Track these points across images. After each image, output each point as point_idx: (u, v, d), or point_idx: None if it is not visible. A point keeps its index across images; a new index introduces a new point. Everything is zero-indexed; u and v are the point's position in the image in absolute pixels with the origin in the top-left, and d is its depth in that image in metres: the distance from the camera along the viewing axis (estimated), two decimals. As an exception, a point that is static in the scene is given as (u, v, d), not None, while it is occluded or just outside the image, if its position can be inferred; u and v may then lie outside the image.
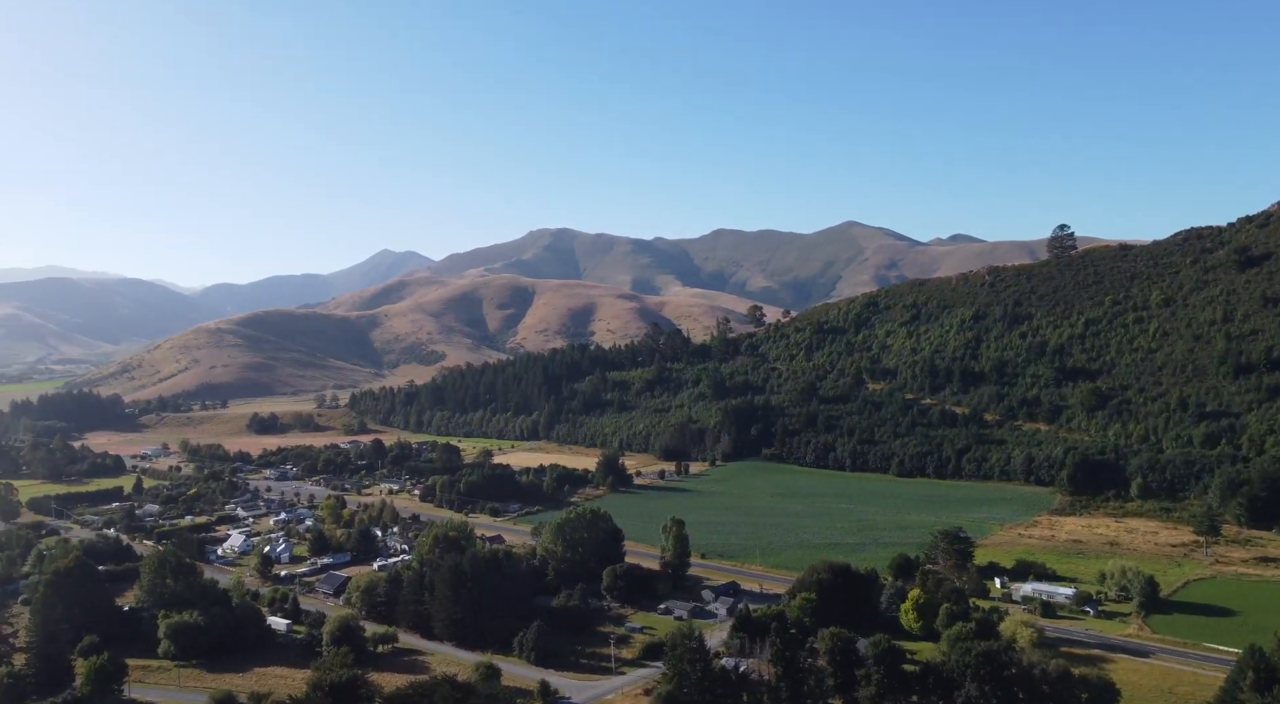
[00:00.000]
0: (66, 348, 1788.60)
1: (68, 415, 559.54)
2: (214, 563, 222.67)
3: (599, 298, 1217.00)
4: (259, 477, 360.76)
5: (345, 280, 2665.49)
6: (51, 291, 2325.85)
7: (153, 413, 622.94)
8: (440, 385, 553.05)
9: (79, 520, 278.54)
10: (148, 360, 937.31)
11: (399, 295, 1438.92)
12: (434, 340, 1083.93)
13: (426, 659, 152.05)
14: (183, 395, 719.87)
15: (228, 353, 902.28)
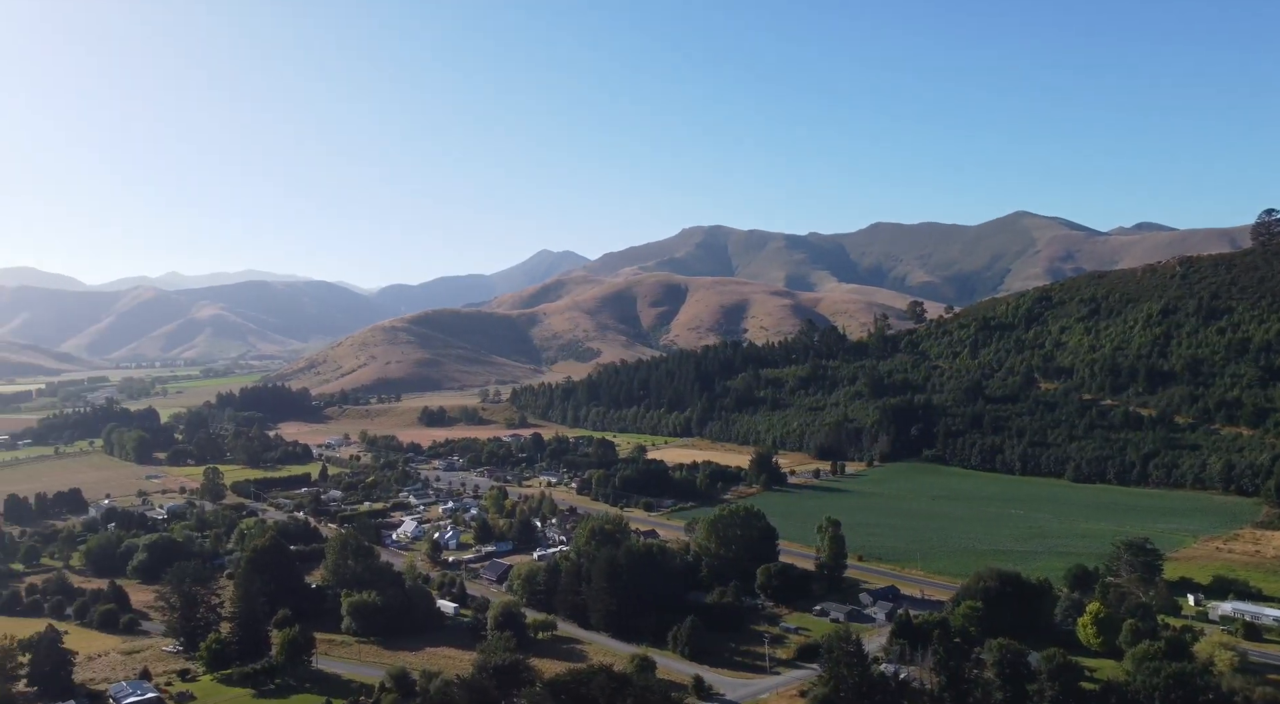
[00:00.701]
0: (263, 345, 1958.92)
1: (263, 406, 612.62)
2: (389, 547, 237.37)
3: (751, 295, 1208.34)
4: (429, 467, 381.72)
5: (507, 280, 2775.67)
6: (251, 294, 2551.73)
7: (335, 405, 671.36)
8: (596, 382, 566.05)
9: (273, 503, 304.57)
10: (331, 356, 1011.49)
11: (557, 294, 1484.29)
12: (590, 337, 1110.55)
13: (583, 648, 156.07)
14: (361, 389, 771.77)
15: (400, 350, 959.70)
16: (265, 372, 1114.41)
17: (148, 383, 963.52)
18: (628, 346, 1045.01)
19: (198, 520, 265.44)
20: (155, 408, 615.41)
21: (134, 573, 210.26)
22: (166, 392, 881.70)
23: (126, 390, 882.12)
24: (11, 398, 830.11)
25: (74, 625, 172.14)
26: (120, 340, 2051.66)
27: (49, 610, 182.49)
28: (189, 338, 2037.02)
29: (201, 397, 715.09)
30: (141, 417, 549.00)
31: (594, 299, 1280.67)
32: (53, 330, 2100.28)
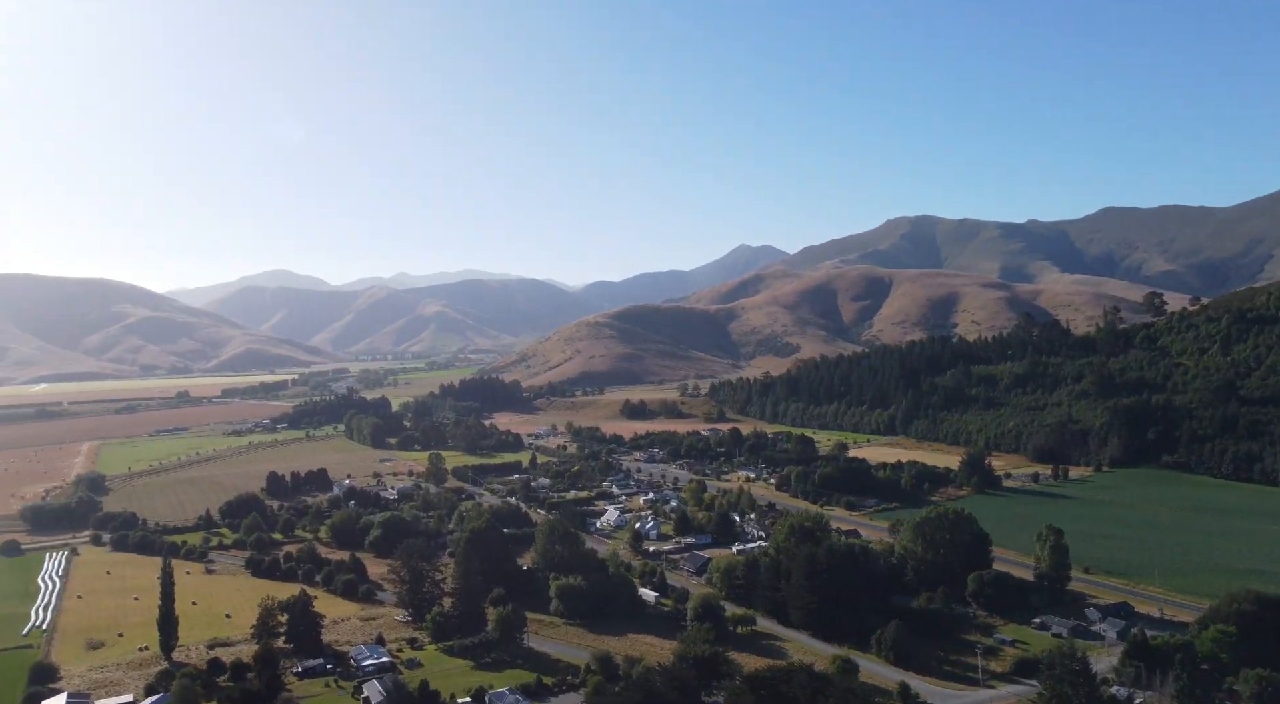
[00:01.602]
0: (479, 339, 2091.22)
1: (480, 397, 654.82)
2: (593, 534, 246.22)
3: (962, 287, 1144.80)
4: (630, 458, 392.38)
5: (705, 275, 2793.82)
6: (468, 292, 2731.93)
7: (543, 397, 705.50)
8: (795, 377, 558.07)
9: (488, 488, 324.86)
10: (540, 351, 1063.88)
11: (755, 288, 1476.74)
12: (789, 332, 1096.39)
13: (783, 645, 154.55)
14: (567, 382, 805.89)
15: (604, 344, 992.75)
16: (481, 365, 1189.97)
17: (381, 374, 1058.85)
18: (828, 342, 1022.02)
19: (423, 501, 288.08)
20: (388, 397, 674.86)
21: (370, 547, 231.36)
22: (396, 382, 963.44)
23: (364, 381, 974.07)
24: (273, 386, 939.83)
25: (322, 591, 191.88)
26: (358, 335, 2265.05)
27: (301, 577, 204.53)
28: (416, 333, 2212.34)
29: (426, 387, 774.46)
30: (376, 405, 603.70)
31: (793, 293, 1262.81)
32: (304, 326, 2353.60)
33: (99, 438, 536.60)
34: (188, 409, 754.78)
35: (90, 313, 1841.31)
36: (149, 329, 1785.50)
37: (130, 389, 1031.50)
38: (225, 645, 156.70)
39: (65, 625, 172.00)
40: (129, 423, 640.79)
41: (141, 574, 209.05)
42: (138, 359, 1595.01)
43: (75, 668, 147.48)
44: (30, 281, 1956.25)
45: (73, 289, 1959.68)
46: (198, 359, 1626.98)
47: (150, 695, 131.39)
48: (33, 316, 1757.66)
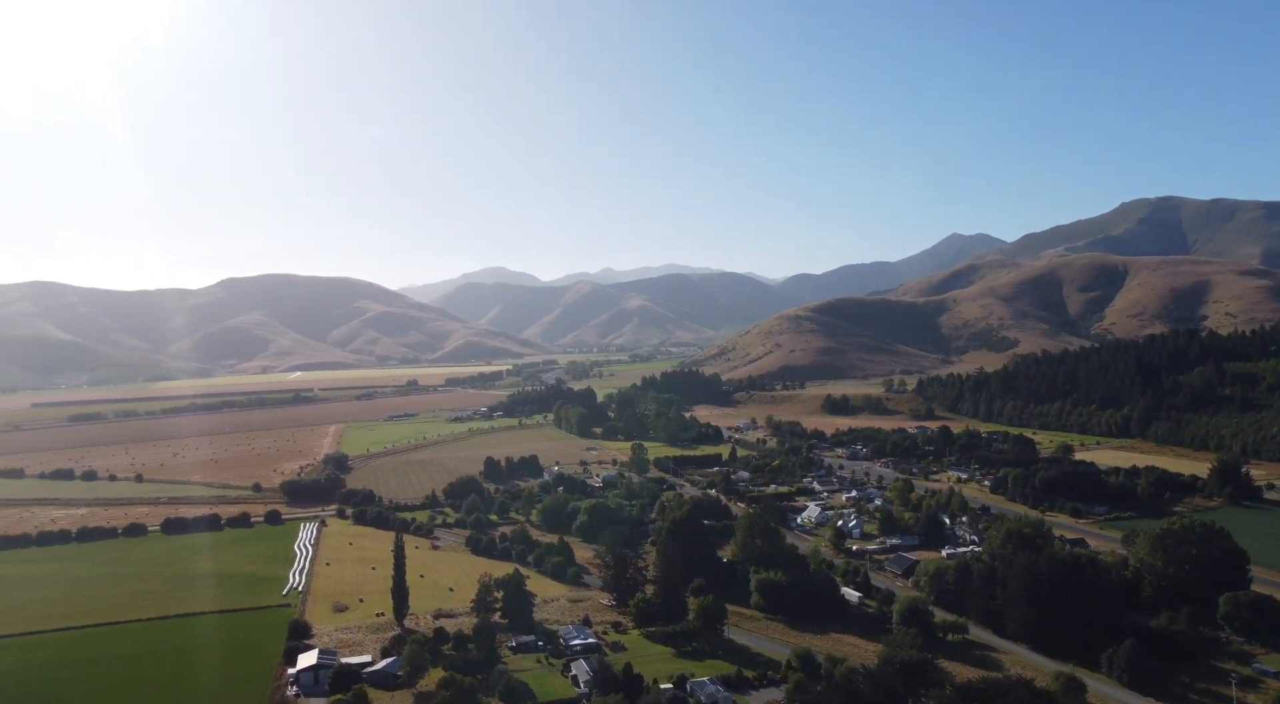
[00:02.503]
0: (680, 333, 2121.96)
1: (680, 390, 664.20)
2: (793, 530, 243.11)
3: (1214, 275, 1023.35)
4: (832, 454, 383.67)
5: (913, 266, 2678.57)
6: (670, 286, 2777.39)
7: (743, 391, 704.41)
8: (1012, 373, 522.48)
9: (689, 479, 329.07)
10: (740, 344, 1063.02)
11: (968, 279, 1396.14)
12: (1005, 326, 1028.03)
13: (998, 656, 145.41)
14: (767, 376, 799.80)
15: (804, 338, 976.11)
16: (682, 357, 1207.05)
17: (587, 366, 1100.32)
18: (1050, 336, 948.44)
19: (626, 490, 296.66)
20: (593, 388, 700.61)
21: (577, 532, 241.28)
22: (601, 374, 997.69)
23: (571, 372, 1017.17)
24: (490, 377, 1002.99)
25: (533, 571, 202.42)
26: (566, 328, 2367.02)
27: (515, 556, 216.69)
28: (619, 326, 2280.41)
29: (629, 379, 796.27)
30: (582, 396, 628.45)
31: (1011, 284, 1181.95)
32: (517, 320, 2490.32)
33: (343, 421, 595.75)
34: (416, 397, 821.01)
35: (336, 308, 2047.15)
36: (384, 323, 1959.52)
37: (368, 378, 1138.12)
38: (449, 616, 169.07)
39: (316, 589, 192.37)
40: (367, 408, 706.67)
41: (378, 546, 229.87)
42: (374, 350, 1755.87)
43: (324, 627, 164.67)
44: (288, 281, 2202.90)
45: (322, 287, 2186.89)
46: (425, 350, 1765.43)
47: (385, 658, 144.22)
48: (290, 312, 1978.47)
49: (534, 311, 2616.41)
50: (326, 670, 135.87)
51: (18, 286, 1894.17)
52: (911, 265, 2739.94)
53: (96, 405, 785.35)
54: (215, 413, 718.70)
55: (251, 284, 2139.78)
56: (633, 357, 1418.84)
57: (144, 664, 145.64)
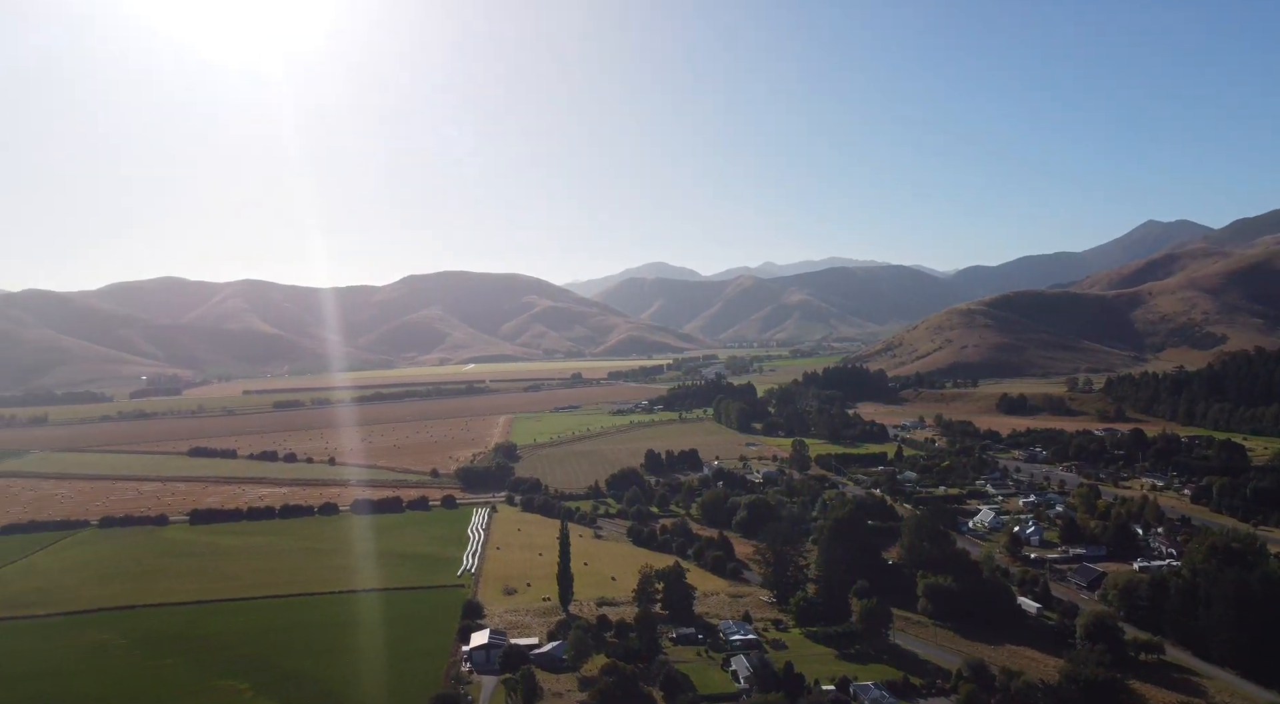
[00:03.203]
0: (843, 328, 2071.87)
1: (843, 386, 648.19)
2: (964, 534, 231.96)
3: None
4: (1007, 456, 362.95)
5: (1101, 257, 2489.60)
6: (833, 280, 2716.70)
7: (910, 388, 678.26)
8: (1219, 373, 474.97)
9: (851, 478, 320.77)
10: (906, 340, 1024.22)
11: (1166, 270, 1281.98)
12: (1210, 321, 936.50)
13: (1199, 681, 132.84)
14: (936, 373, 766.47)
15: (978, 333, 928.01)
16: (845, 353, 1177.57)
17: (747, 361, 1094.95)
18: (1265, 331, 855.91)
19: (786, 487, 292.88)
20: (753, 383, 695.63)
21: (736, 527, 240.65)
22: (761, 369, 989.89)
23: (731, 367, 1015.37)
24: (650, 370, 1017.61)
25: (693, 565, 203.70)
26: (726, 323, 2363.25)
27: (675, 549, 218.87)
28: (780, 321, 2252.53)
29: (790, 375, 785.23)
30: (742, 391, 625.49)
31: (1218, 275, 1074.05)
32: (677, 314, 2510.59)
33: (512, 412, 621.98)
34: (580, 389, 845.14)
35: (506, 303, 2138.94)
36: (550, 317, 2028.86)
37: (535, 370, 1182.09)
38: (611, 605, 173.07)
39: (487, 572, 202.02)
40: (535, 400, 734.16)
41: (544, 533, 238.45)
42: (541, 344, 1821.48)
43: (494, 608, 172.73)
44: (463, 277, 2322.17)
45: (494, 283, 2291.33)
46: (588, 344, 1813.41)
47: (551, 641, 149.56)
48: (464, 307, 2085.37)
49: (694, 306, 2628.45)
50: (497, 650, 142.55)
51: (232, 284, 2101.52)
52: (1100, 256, 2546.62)
53: (297, 393, 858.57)
54: (398, 402, 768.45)
55: (430, 281, 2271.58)
56: (793, 352, 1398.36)
57: (336, 632, 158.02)
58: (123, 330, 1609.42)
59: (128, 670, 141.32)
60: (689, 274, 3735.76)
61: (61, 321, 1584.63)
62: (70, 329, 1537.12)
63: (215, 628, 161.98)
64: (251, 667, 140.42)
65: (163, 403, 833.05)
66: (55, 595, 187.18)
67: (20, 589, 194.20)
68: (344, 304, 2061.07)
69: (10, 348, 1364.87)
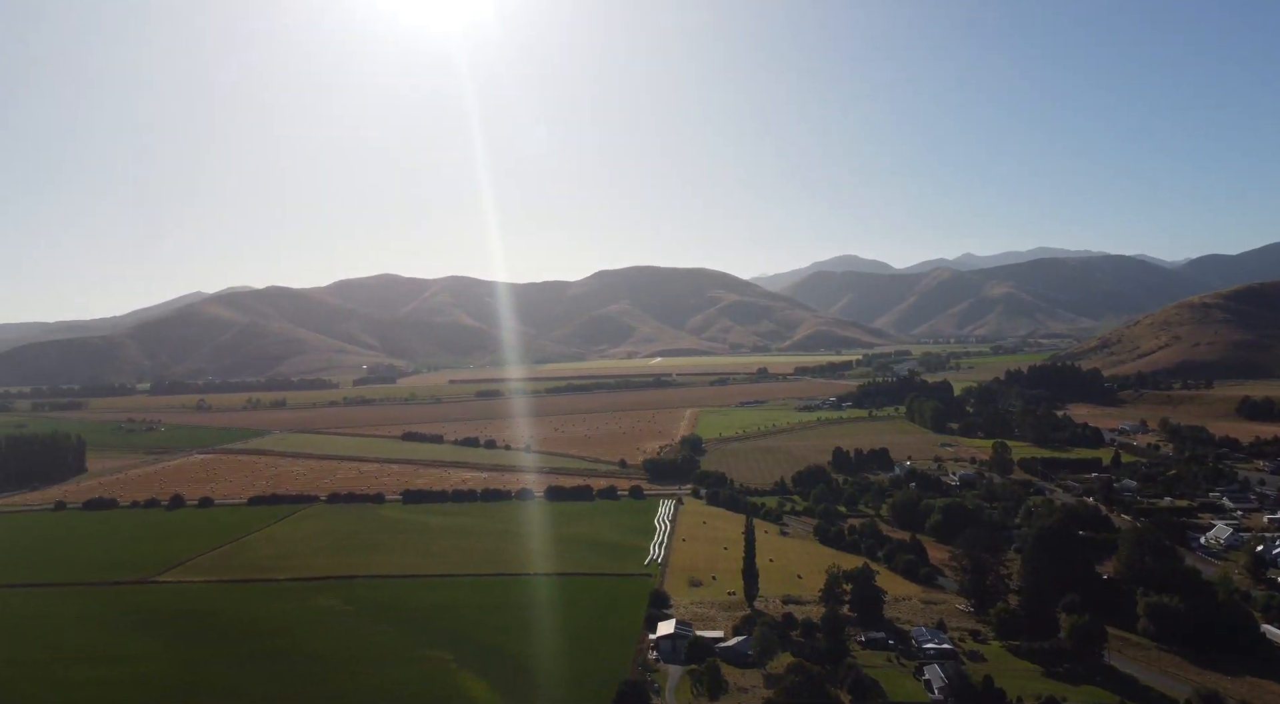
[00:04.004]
0: (1051, 323, 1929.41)
1: (1050, 386, 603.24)
2: (1194, 551, 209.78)
3: None
4: (1249, 466, 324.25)
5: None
6: (1040, 272, 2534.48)
7: (1130, 389, 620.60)
8: None
9: (1061, 484, 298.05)
10: (1126, 336, 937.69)
11: None
12: None
13: None
14: (1161, 373, 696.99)
15: (1213, 329, 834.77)
16: (1054, 350, 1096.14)
17: (943, 357, 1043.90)
18: None
19: (986, 491, 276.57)
20: (949, 381, 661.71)
21: (930, 531, 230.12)
22: (959, 366, 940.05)
23: (925, 363, 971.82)
24: (839, 366, 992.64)
25: (882, 567, 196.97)
26: (920, 317, 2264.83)
27: (864, 550, 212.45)
28: (980, 316, 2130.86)
29: (990, 372, 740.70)
30: (937, 388, 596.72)
31: None
32: (868, 309, 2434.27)
33: (698, 406, 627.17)
34: (766, 384, 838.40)
35: (692, 297, 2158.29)
36: (736, 311, 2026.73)
37: (721, 364, 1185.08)
38: (797, 603, 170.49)
39: (673, 563, 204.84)
40: (720, 394, 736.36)
41: (729, 527, 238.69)
42: (727, 338, 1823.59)
43: (680, 599, 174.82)
44: (650, 272, 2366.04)
45: (680, 277, 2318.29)
46: (774, 339, 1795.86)
47: (736, 636, 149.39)
48: (651, 301, 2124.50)
49: (885, 300, 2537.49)
50: (683, 640, 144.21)
51: (440, 281, 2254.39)
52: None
53: (496, 383, 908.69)
54: (588, 394, 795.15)
55: (620, 276, 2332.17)
56: (995, 348, 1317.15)
57: (530, 613, 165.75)
58: (347, 323, 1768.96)
59: (349, 633, 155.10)
60: (880, 267, 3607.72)
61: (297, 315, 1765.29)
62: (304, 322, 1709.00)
63: (423, 601, 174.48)
64: (454, 639, 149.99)
65: (380, 390, 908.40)
66: (290, 562, 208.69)
67: (263, 555, 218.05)
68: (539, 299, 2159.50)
69: (257, 339, 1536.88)
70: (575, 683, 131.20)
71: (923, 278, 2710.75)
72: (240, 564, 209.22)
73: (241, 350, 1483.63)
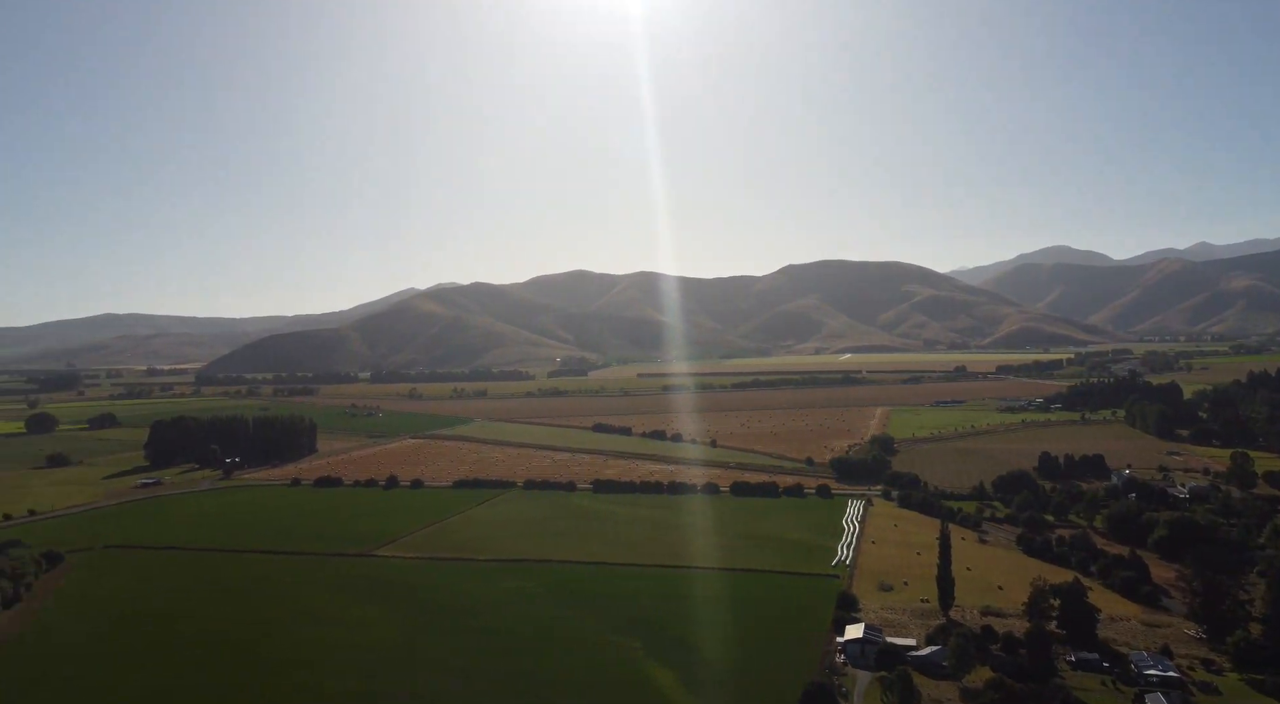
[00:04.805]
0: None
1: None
2: None
3: None
4: None
5: None
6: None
7: None
8: None
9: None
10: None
11: None
12: None
13: None
14: None
15: None
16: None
17: (1170, 357, 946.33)
18: None
19: (1222, 505, 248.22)
20: (1177, 383, 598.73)
21: (1152, 546, 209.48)
22: (1190, 367, 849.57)
23: (1149, 363, 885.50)
24: (1046, 365, 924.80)
25: (1095, 583, 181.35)
26: (1143, 313, 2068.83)
27: (1074, 564, 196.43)
28: (1216, 311, 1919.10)
29: (1228, 374, 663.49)
30: (1162, 391, 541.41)
31: None
32: (1081, 304, 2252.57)
33: (888, 404, 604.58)
34: (964, 383, 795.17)
35: (884, 292, 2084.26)
36: (931, 307, 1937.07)
37: (914, 362, 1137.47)
38: (997, 616, 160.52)
39: (861, 565, 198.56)
40: (913, 392, 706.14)
41: (922, 532, 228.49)
42: (921, 334, 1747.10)
43: (869, 603, 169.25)
44: (839, 266, 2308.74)
45: (871, 271, 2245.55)
46: (973, 335, 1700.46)
47: (930, 645, 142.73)
48: (840, 296, 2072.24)
49: (1101, 294, 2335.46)
50: (873, 646, 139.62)
51: (628, 276, 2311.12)
52: None
53: (682, 377, 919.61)
54: (774, 389, 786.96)
55: (808, 270, 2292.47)
56: (1235, 348, 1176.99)
57: (715, 607, 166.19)
58: (542, 318, 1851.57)
59: (541, 615, 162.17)
60: (1096, 258, 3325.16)
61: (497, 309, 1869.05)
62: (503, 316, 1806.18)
63: (612, 588, 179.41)
64: (642, 628, 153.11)
65: (572, 382, 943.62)
66: (489, 543, 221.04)
67: (465, 537, 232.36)
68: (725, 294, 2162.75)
69: (462, 332, 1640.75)
70: (761, 680, 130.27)
71: (1146, 269, 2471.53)
72: (445, 543, 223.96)
73: (448, 343, 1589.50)
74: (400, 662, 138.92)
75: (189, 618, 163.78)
